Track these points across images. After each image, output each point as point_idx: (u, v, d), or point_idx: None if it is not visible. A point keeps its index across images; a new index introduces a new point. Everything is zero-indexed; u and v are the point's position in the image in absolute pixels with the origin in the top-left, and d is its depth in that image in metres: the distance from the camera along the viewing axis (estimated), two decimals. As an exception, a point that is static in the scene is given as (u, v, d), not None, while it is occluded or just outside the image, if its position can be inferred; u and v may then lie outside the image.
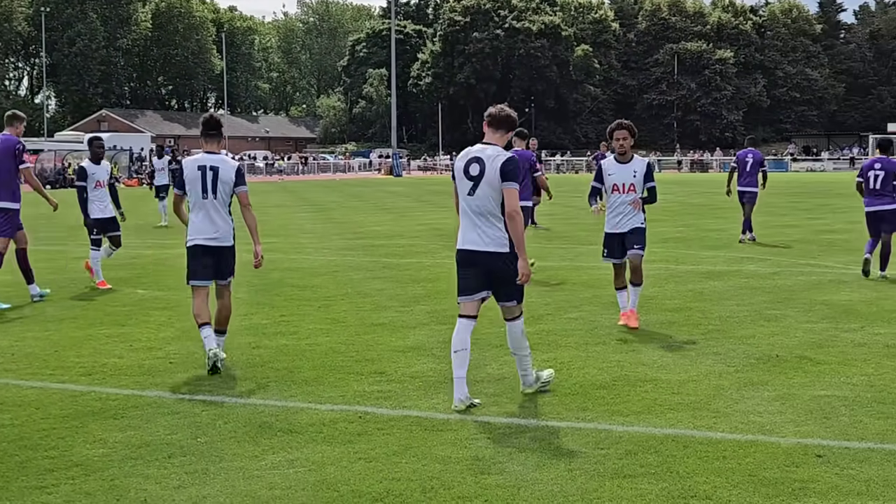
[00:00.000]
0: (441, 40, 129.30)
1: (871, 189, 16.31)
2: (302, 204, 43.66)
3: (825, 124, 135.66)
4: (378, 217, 33.27)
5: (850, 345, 10.60)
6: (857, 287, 14.97)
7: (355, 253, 20.94)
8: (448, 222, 30.08)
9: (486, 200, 8.41)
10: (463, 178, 8.50)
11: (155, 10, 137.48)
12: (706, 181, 67.96)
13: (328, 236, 25.40)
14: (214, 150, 10.11)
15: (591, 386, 8.87)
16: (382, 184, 71.15)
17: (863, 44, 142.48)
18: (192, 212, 10.03)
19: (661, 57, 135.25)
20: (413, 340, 11.10)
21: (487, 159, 8.36)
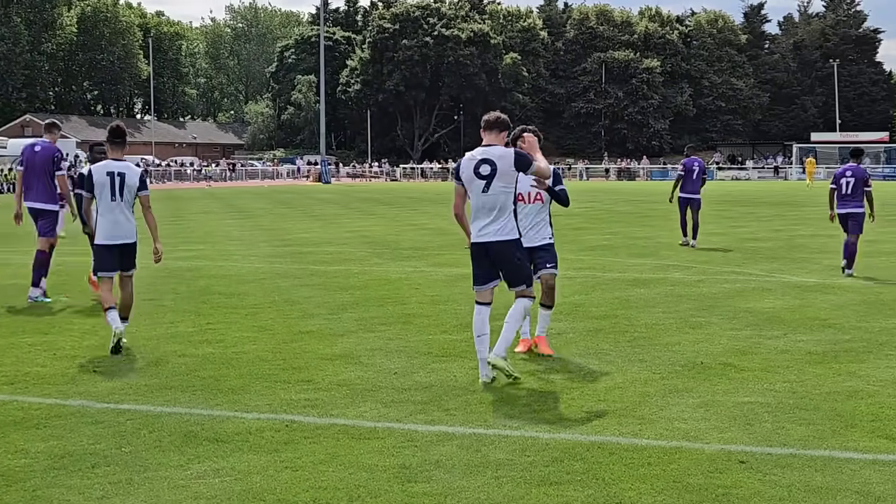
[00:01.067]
0: (370, 47, 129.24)
1: (843, 194, 17.98)
2: (229, 211, 43.38)
3: (750, 133, 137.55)
4: (306, 224, 33.15)
5: (773, 352, 10.75)
6: (781, 294, 15.19)
7: (283, 260, 20.85)
8: (376, 229, 30.06)
9: (500, 195, 9.33)
10: (474, 178, 9.38)
11: (80, 14, 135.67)
12: (633, 189, 68.55)
13: (256, 243, 25.26)
14: (119, 157, 11.33)
15: (518, 393, 8.91)
16: (311, 191, 70.91)
17: (787, 54, 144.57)
18: (101, 213, 11.16)
19: (589, 65, 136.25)
20: (341, 348, 11.07)
21: (497, 158, 9.36)
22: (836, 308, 13.84)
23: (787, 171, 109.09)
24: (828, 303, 14.34)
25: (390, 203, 49.82)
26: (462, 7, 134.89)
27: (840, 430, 7.70)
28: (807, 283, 16.54)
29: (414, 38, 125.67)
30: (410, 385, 9.23)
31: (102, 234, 11.14)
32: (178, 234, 28.51)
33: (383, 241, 25.43)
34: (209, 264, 20.05)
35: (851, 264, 17.71)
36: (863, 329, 12.15)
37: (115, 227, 11.13)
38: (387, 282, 17.05)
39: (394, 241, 25.74)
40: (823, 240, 25.34)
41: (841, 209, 18.07)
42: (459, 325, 12.58)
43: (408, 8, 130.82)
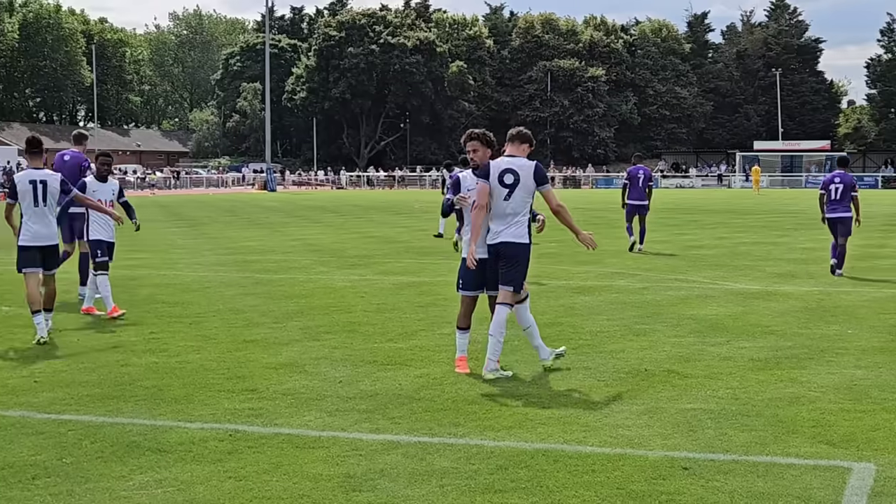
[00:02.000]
0: (316, 55, 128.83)
1: (832, 199, 19.27)
2: (174, 219, 43.07)
3: (694, 142, 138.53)
4: (251, 232, 32.99)
5: (716, 358, 10.84)
6: (724, 302, 15.32)
7: (228, 269, 20.73)
8: (321, 238, 29.99)
9: (520, 203, 9.97)
10: (498, 185, 9.94)
11: (22, 20, 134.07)
12: (579, 197, 68.85)
13: (200, 252, 25.11)
14: (39, 165, 12.39)
15: (464, 401, 8.92)
16: (256, 199, 70.61)
17: (730, 63, 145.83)
18: (26, 218, 12.19)
19: (535, 74, 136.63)
20: (286, 357, 11.02)
21: (520, 169, 9.95)
22: (778, 315, 13.98)
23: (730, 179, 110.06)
24: (770, 310, 14.48)
25: (336, 211, 49.72)
26: (408, 15, 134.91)
27: (782, 435, 7.77)
28: (750, 291, 16.70)
29: (360, 45, 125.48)
30: (355, 394, 9.22)
31: (27, 237, 12.21)
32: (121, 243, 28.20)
33: (329, 250, 25.37)
34: (153, 273, 19.90)
35: (841, 265, 18.97)
36: (804, 336, 12.28)
37: (38, 230, 12.22)
38: (332, 290, 17.01)
39: (339, 249, 25.69)
40: (767, 247, 25.59)
41: (830, 213, 19.29)
42: (405, 333, 12.57)
43: (353, 16, 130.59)
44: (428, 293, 16.41)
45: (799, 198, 69.79)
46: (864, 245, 26.11)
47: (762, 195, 75.63)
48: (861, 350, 11.34)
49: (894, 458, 7.20)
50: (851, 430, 7.92)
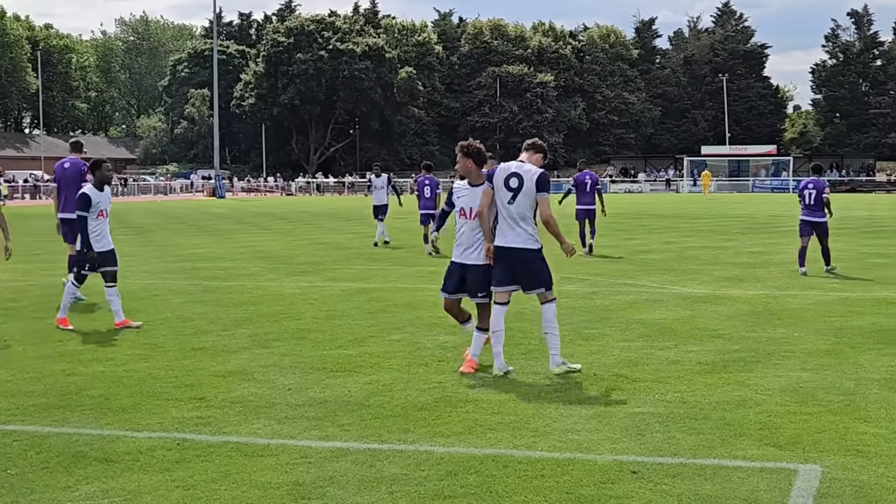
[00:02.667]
0: (264, 61, 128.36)
1: (807, 204, 20.35)
2: (121, 226, 42.72)
3: (642, 147, 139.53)
4: (199, 239, 32.80)
5: (664, 362, 10.90)
6: (672, 306, 15.42)
7: (176, 276, 20.60)
8: (270, 244, 29.87)
9: (523, 207, 10.28)
10: (503, 188, 10.33)
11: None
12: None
13: (148, 259, 24.92)
14: None
15: (413, 407, 8.91)
16: (205, 206, 70.23)
17: (677, 69, 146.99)
18: None
19: (484, 80, 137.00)
20: (234, 365, 10.97)
21: (525, 174, 10.34)
22: (725, 319, 14.09)
23: (678, 184, 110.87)
24: (717, 314, 14.59)
25: (285, 218, 49.55)
26: (357, 21, 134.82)
27: (729, 438, 7.83)
28: (697, 295, 16.82)
29: (308, 51, 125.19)
30: (304, 401, 9.19)
31: None
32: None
33: (278, 256, 25.28)
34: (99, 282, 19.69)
35: (828, 261, 20.37)
36: (751, 339, 12.39)
37: None
38: (281, 297, 16.95)
39: (289, 255, 25.60)
40: (714, 251, 25.78)
41: (805, 216, 20.36)
42: (354, 339, 12.55)
43: (302, 22, 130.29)
44: (377, 300, 16.39)
45: (746, 202, 70.42)
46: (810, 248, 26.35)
47: (711, 200, 76.19)
48: (807, 353, 11.45)
49: (840, 459, 7.28)
50: (797, 433, 8.00)
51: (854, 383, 9.79)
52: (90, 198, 13.72)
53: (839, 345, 11.98)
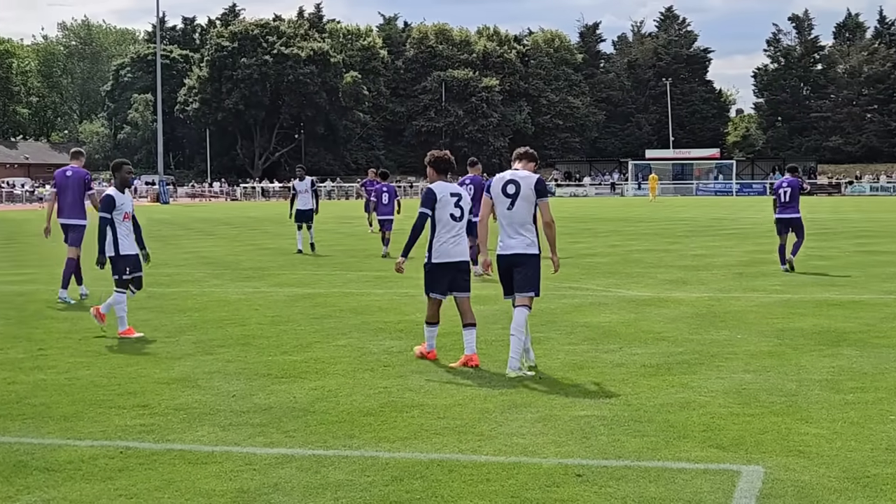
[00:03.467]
0: (208, 66, 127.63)
1: (783, 202, 21.42)
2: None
3: (587, 150, 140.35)
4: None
5: (609, 365, 10.96)
6: (617, 309, 15.50)
7: (119, 283, 20.40)
8: (215, 250, 29.70)
9: (523, 212, 10.66)
10: (501, 196, 10.71)
11: None
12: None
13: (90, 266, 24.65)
14: None
15: (359, 413, 8.89)
16: (148, 211, 69.67)
17: (621, 73, 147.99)
18: None
19: (430, 84, 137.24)
20: (178, 372, 10.89)
21: (522, 180, 10.69)
22: (669, 321, 14.18)
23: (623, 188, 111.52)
24: (662, 316, 14.68)
25: (230, 223, 49.29)
26: (301, 26, 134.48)
27: (673, 440, 7.88)
28: (642, 298, 16.92)
29: (253, 56, 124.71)
30: (249, 407, 9.14)
31: None
32: (9, 258, 27.74)
33: (223, 262, 25.14)
34: (42, 288, 19.54)
35: (795, 253, 21.29)
36: (695, 342, 12.48)
37: None
38: (226, 303, 16.86)
39: (233, 261, 25.47)
40: (659, 254, 25.95)
41: (781, 214, 21.43)
42: (300, 345, 12.50)
43: (246, 26, 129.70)
44: (323, 305, 16.34)
45: (690, 205, 70.97)
46: (753, 251, 26.61)
47: (656, 203, 76.69)
48: (750, 354, 11.55)
49: (782, 460, 7.34)
50: (740, 434, 8.06)
51: (796, 384, 9.89)
52: (114, 199, 13.49)
53: (781, 346, 12.10)
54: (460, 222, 11.15)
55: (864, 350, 11.82)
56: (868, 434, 8.06)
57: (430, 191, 11.10)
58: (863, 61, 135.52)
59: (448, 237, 11.08)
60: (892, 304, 16.05)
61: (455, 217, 11.08)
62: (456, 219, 11.09)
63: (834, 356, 11.42)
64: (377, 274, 21.43)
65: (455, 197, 11.12)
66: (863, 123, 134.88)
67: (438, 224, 11.08)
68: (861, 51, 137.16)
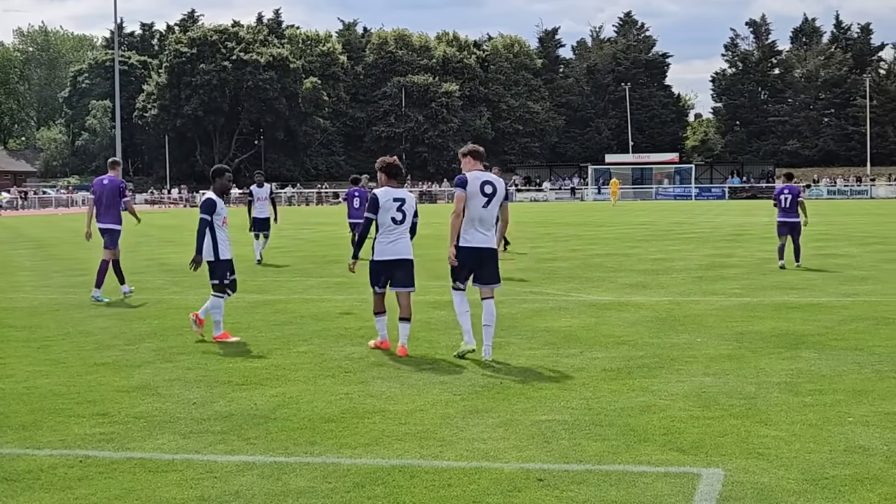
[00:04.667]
0: (167, 72, 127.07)
1: (784, 208, 23.31)
2: (21, 240, 42.03)
3: (547, 155, 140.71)
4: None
5: (569, 370, 10.99)
6: (578, 313, 15.54)
7: (78, 290, 20.30)
8: (175, 257, 29.58)
9: (494, 211, 11.89)
10: (478, 194, 11.70)
11: None
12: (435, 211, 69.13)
13: (49, 274, 24.54)
14: None
15: (320, 419, 8.88)
16: (108, 218, 69.23)
17: (581, 78, 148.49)
18: None
19: (389, 90, 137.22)
20: (138, 380, 10.83)
21: (497, 183, 11.87)
22: (630, 325, 14.25)
23: (583, 192, 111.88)
24: (622, 320, 14.75)
25: (190, 229, 48.99)
26: (260, 31, 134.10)
27: (634, 444, 7.92)
28: (602, 302, 16.99)
29: (212, 62, 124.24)
30: (210, 415, 9.10)
31: None
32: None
33: (182, 269, 24.98)
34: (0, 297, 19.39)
35: (798, 258, 22.96)
36: (655, 345, 12.55)
37: None
38: (186, 311, 16.74)
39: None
40: (619, 258, 26.04)
41: (783, 218, 23.27)
42: (260, 352, 12.47)
43: (205, 32, 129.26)
44: (283, 311, 16.30)
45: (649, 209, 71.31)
46: (712, 255, 26.78)
47: (616, 207, 77.01)
48: (709, 358, 11.63)
49: (742, 462, 7.39)
50: (700, 437, 8.11)
51: (755, 387, 9.96)
52: (215, 203, 13.57)
53: (741, 349, 12.18)
54: (402, 225, 12.22)
55: (822, 353, 11.92)
56: (826, 436, 8.13)
57: (374, 197, 12.13)
58: (819, 65, 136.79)
59: (388, 238, 12.14)
60: (850, 306, 16.19)
61: (396, 220, 12.15)
62: (397, 222, 12.15)
63: (792, 359, 11.52)
64: (337, 280, 21.39)
65: (398, 202, 12.16)
66: (820, 127, 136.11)
67: (381, 226, 12.16)
68: (818, 55, 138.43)
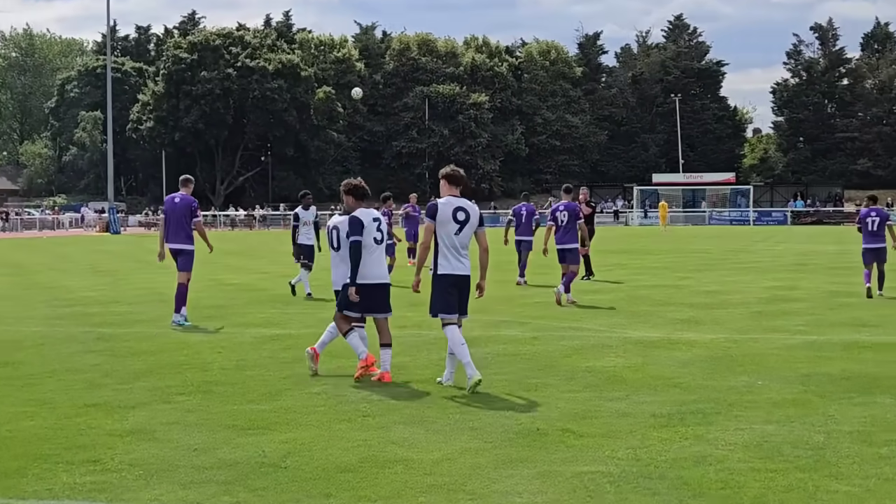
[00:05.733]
0: (164, 80, 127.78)
1: (870, 231, 24.11)
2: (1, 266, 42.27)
3: (587, 175, 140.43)
4: (92, 281, 32.49)
5: (614, 415, 10.96)
6: (622, 352, 15.50)
7: (65, 322, 20.40)
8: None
9: (466, 238, 12.57)
10: (451, 220, 12.43)
11: None
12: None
13: (33, 304, 24.66)
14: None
15: (336, 469, 8.88)
16: (98, 242, 69.66)
17: (625, 88, 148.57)
18: None
19: (411, 101, 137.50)
20: (133, 422, 10.87)
21: (470, 209, 12.60)
22: (681, 365, 14.19)
23: (628, 216, 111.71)
24: (673, 360, 14.70)
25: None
26: (268, 36, 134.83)
27: (687, 499, 7.89)
28: (650, 339, 16.94)
29: (214, 69, 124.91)
30: (213, 463, 9.12)
31: None
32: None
33: (181, 299, 25.11)
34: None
35: (882, 286, 23.79)
36: (710, 388, 12.49)
37: None
38: (185, 345, 16.84)
39: (193, 298, 25.34)
40: (668, 291, 25.96)
41: (869, 244, 24.05)
42: (268, 392, 12.49)
43: (207, 36, 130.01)
44: (294, 347, 16.31)
45: (702, 235, 71.12)
46: (773, 287, 26.68)
47: (666, 233, 76.85)
48: (772, 403, 11.57)
49: (809, 521, 7.36)
50: (762, 492, 8.07)
51: (824, 436, 9.91)
52: (362, 222, 13.28)
53: (807, 394, 12.12)
54: (381, 245, 13.20)
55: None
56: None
57: (356, 219, 13.02)
58: (894, 75, 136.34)
59: (370, 259, 13.06)
60: (929, 346, 16.10)
61: (377, 240, 13.12)
62: (378, 241, 13.12)
63: (866, 405, 11.45)
64: (354, 313, 21.40)
65: (376, 222, 13.15)
66: (894, 144, 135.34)
67: (364, 249, 12.98)
68: (892, 64, 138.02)
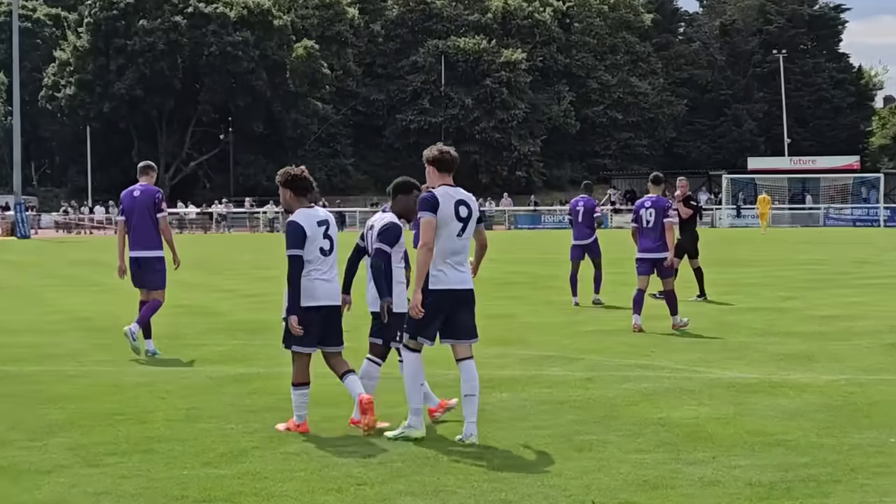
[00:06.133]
0: (90, 32, 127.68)
1: None
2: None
3: (659, 159, 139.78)
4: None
5: (696, 484, 10.94)
6: (707, 398, 15.44)
7: (-44, 358, 20.48)
8: (100, 308, 29.71)
9: (468, 240, 12.79)
10: (453, 218, 12.51)
11: None
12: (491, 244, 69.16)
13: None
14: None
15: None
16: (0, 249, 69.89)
17: (711, 42, 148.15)
18: None
19: (422, 59, 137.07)
20: (48, 492, 10.89)
21: (471, 202, 12.78)
22: (787, 417, 14.16)
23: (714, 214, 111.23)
24: (776, 410, 14.65)
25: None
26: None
27: None
28: (745, 381, 16.89)
29: (157, 16, 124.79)
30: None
31: None
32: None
33: (111, 327, 25.07)
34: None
35: None
36: (827, 447, 12.46)
37: None
38: (118, 389, 16.86)
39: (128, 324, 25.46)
40: (770, 315, 25.84)
41: None
42: (230, 452, 12.50)
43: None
44: (263, 391, 16.32)
45: (815, 240, 70.91)
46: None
47: (766, 236, 76.69)
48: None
49: None
50: (897, 589, 8.07)
51: (980, 513, 9.90)
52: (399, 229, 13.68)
53: (956, 455, 12.11)
54: (330, 256, 13.29)
55: None
56: None
57: (294, 225, 13.09)
58: None
59: (317, 275, 13.18)
60: None
61: (325, 251, 13.23)
62: (326, 252, 13.24)
63: None
64: (345, 345, 21.39)
65: (323, 226, 13.26)
66: None
67: (305, 262, 13.09)
68: None
